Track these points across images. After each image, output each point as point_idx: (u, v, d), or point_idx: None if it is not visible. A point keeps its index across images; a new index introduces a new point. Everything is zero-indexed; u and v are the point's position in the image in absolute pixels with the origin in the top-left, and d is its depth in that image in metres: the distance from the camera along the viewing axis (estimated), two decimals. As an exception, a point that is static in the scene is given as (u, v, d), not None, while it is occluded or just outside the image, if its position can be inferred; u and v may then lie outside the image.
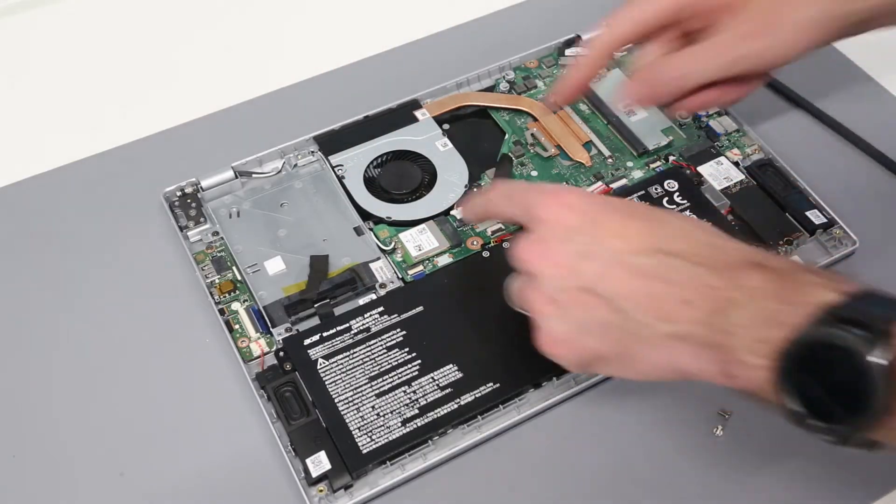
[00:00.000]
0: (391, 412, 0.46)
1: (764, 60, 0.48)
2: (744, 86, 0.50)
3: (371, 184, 0.56)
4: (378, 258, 0.53)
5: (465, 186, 0.56)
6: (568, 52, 0.63)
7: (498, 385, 0.47)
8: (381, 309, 0.50)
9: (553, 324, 0.40)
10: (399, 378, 0.47)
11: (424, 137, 0.58)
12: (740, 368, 0.36)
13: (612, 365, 0.40)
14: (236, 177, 0.56)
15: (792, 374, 0.34)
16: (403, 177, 0.56)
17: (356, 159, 0.57)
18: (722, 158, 0.57)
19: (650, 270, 0.38)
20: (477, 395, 0.47)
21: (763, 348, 0.35)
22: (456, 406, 0.46)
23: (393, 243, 0.53)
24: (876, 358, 0.32)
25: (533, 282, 0.41)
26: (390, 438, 0.45)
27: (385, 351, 0.48)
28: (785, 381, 0.35)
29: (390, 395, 0.47)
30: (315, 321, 0.50)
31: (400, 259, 0.53)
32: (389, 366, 0.48)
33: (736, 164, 0.57)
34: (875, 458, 0.35)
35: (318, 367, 0.48)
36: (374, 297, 0.51)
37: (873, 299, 0.35)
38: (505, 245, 0.53)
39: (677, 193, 0.55)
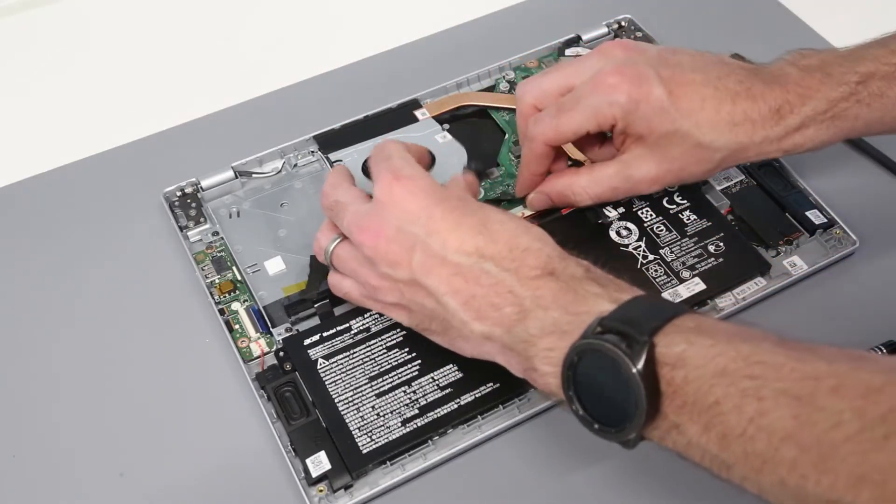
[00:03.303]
0: (391, 412, 0.46)
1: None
2: None
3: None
4: (378, 258, 0.53)
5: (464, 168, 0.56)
6: (568, 51, 0.63)
7: (498, 385, 0.47)
8: (381, 309, 0.50)
9: (387, 297, 0.44)
10: (399, 378, 0.47)
11: (424, 133, 0.58)
12: (536, 374, 0.40)
13: (441, 339, 0.44)
14: (236, 177, 0.56)
15: (573, 382, 0.37)
16: None
17: (356, 156, 0.57)
18: (722, 158, 0.57)
19: (467, 271, 0.41)
20: (477, 395, 0.47)
21: (551, 357, 0.38)
22: (456, 406, 0.46)
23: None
24: (632, 366, 0.35)
25: (366, 257, 0.44)
26: (390, 438, 0.45)
27: (385, 351, 0.48)
28: (568, 387, 0.37)
29: (390, 395, 0.47)
30: (315, 321, 0.50)
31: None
32: (389, 366, 0.48)
33: (736, 163, 0.57)
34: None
35: (318, 367, 0.48)
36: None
37: (638, 307, 0.37)
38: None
39: (677, 193, 0.55)
